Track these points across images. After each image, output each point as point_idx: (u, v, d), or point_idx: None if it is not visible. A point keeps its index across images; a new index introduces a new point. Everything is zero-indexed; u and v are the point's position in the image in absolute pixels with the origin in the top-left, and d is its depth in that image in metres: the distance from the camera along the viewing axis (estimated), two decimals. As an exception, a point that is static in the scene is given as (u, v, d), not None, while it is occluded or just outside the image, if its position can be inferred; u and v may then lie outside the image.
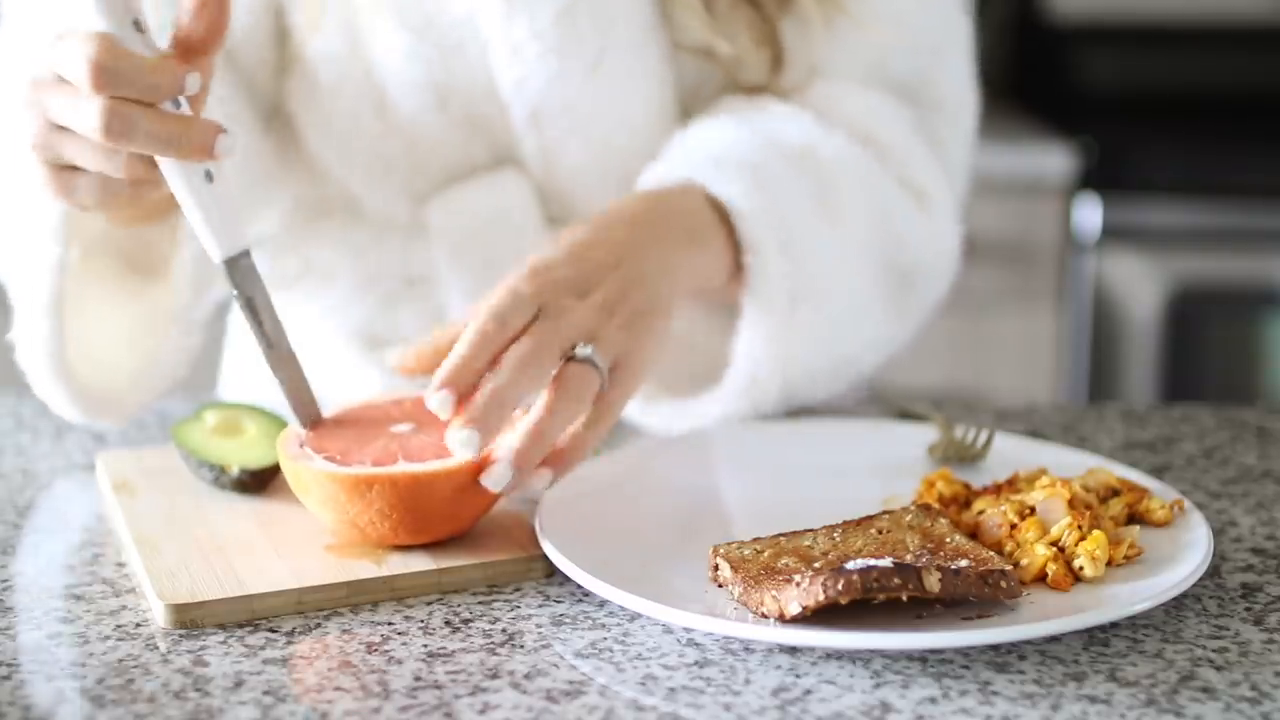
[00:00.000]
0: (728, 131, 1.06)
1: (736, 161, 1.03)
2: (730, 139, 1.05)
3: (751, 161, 1.03)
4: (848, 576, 0.75)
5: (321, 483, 0.85)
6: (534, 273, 0.91)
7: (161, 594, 0.82)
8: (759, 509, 0.93)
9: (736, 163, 1.03)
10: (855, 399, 1.27)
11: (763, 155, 1.04)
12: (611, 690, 0.74)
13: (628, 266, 0.94)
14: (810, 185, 1.05)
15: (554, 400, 0.87)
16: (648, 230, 0.97)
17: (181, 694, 0.74)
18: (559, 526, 0.87)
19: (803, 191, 1.04)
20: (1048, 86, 2.92)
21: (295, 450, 0.88)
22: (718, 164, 1.03)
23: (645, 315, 0.93)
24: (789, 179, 1.04)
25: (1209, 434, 1.13)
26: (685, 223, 0.99)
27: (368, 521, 0.85)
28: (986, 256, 2.51)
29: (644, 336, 0.93)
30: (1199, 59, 2.88)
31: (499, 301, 0.88)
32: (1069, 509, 0.85)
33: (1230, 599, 0.84)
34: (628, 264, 0.94)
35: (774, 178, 1.03)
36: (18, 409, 1.16)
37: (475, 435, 0.83)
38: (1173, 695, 0.73)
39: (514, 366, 0.86)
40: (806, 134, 1.08)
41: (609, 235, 0.95)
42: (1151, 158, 2.56)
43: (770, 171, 1.03)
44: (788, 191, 1.03)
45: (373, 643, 0.79)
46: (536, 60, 1.08)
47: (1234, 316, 2.52)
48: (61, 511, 0.98)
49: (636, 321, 0.93)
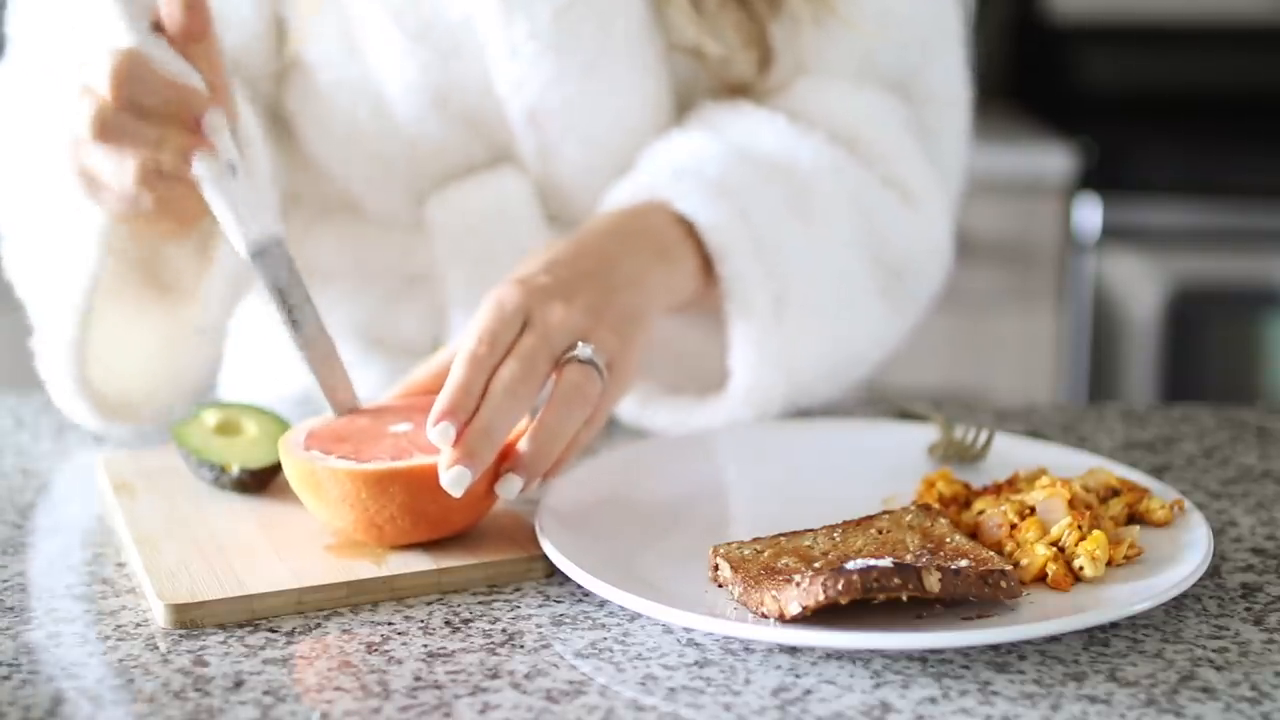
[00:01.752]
0: (695, 144, 1.08)
1: (698, 174, 1.04)
2: (695, 152, 1.07)
3: (715, 172, 1.05)
4: (848, 576, 0.75)
5: (341, 480, 0.85)
6: (518, 282, 0.92)
7: (161, 594, 0.82)
8: (759, 509, 0.93)
9: (698, 175, 1.04)
10: (855, 399, 1.28)
11: (728, 165, 1.05)
12: (611, 690, 0.74)
13: (607, 276, 0.96)
14: (782, 190, 1.06)
15: (559, 403, 0.88)
16: (621, 244, 0.99)
17: (181, 694, 0.74)
18: (559, 526, 0.87)
19: (774, 196, 1.05)
20: (1048, 86, 2.92)
21: (304, 450, 0.88)
22: (679, 177, 1.04)
23: (629, 320, 0.95)
24: (758, 185, 1.05)
25: (1209, 434, 1.13)
26: (654, 240, 1.01)
27: (387, 518, 0.85)
28: (986, 256, 2.51)
29: (631, 340, 0.94)
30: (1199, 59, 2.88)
31: (487, 321, 0.89)
32: (1069, 509, 0.85)
33: (1230, 599, 0.84)
34: (606, 274, 0.96)
35: (741, 186, 1.04)
36: (18, 409, 1.16)
37: (465, 473, 0.83)
38: (1173, 695, 0.73)
39: (502, 394, 0.86)
40: (780, 139, 1.09)
41: (585, 249, 0.97)
42: (1151, 158, 2.57)
43: (734, 181, 1.04)
44: (757, 197, 1.04)
45: (373, 643, 0.79)
46: (534, 61, 1.08)
47: (1234, 316, 2.52)
48: (61, 511, 0.98)
49: (623, 325, 0.94)
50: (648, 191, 1.04)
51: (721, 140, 1.08)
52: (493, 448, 0.85)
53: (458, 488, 0.83)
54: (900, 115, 1.15)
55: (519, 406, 0.86)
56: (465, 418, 0.85)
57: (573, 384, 0.88)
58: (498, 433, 0.85)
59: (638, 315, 0.96)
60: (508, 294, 0.90)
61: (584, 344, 0.90)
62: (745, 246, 1.02)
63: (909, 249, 1.13)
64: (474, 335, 0.88)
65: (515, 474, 0.86)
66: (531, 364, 0.88)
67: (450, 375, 0.86)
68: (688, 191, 1.03)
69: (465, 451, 0.84)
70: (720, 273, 1.03)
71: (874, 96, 1.14)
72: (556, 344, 0.89)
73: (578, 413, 0.88)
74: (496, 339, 0.88)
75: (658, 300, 0.99)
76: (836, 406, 1.19)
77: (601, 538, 0.87)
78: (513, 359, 0.87)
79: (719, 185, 1.04)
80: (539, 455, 0.86)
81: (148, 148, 0.87)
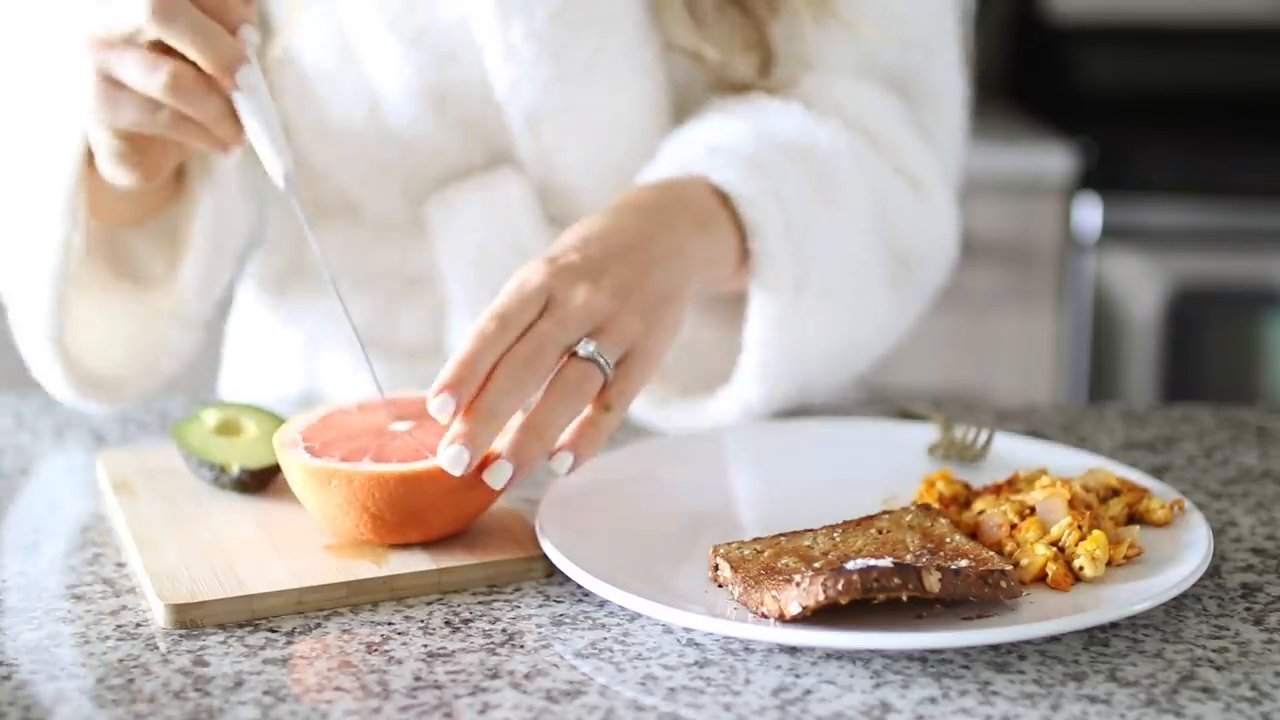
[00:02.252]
0: (722, 125, 1.07)
1: (733, 151, 1.03)
2: (725, 131, 1.06)
3: (748, 150, 1.03)
4: (848, 576, 0.75)
5: (347, 481, 0.85)
6: (547, 260, 0.90)
7: (161, 594, 0.82)
8: (759, 509, 0.93)
9: (733, 152, 1.03)
10: (855, 399, 1.27)
11: (757, 144, 1.04)
12: (611, 690, 0.74)
13: (642, 251, 0.93)
14: (806, 172, 1.05)
15: (553, 398, 0.86)
16: (659, 217, 0.96)
17: (181, 694, 0.74)
18: (559, 526, 0.87)
19: (800, 178, 1.04)
20: (1048, 86, 2.92)
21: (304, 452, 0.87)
22: (715, 154, 1.03)
23: (661, 300, 0.93)
24: (785, 166, 1.04)
25: (1209, 434, 1.13)
26: (694, 210, 0.99)
27: (384, 516, 0.85)
28: (986, 256, 2.51)
29: (659, 322, 0.92)
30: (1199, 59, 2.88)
31: (505, 299, 0.87)
32: (1069, 509, 0.85)
33: (1230, 599, 0.84)
34: (642, 249, 0.93)
35: (771, 164, 1.03)
36: (18, 409, 1.16)
37: (464, 452, 0.83)
38: (1173, 695, 0.73)
39: (508, 374, 0.85)
40: (800, 124, 1.08)
41: (621, 222, 0.95)
42: (1151, 158, 2.56)
43: (767, 159, 1.03)
44: (786, 178, 1.03)
45: (373, 643, 0.79)
46: (532, 62, 1.08)
47: (1234, 316, 2.52)
48: (61, 511, 0.98)
49: (652, 308, 0.92)
50: (683, 168, 1.02)
51: (747, 123, 1.07)
52: (493, 429, 0.84)
53: (457, 466, 0.83)
54: (898, 110, 1.15)
55: (523, 391, 0.85)
56: (466, 394, 0.84)
57: (569, 380, 0.87)
58: (500, 415, 0.84)
59: (670, 294, 0.93)
60: (532, 272, 0.89)
61: (588, 341, 0.88)
62: (778, 224, 1.01)
63: (917, 238, 1.12)
64: (489, 312, 0.87)
65: (506, 461, 0.85)
66: (540, 349, 0.86)
67: (458, 347, 0.86)
68: (724, 165, 1.01)
69: (465, 431, 0.83)
70: (751, 248, 1.01)
71: (875, 93, 1.14)
72: (573, 330, 0.88)
73: (569, 409, 0.87)
74: (509, 318, 0.86)
75: (695, 273, 0.96)
76: (837, 406, 1.19)
77: (601, 538, 0.87)
78: (524, 342, 0.86)
79: (753, 161, 1.02)
80: (527, 446, 0.85)
81: (197, 44, 0.87)
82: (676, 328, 0.94)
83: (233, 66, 0.88)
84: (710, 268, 0.99)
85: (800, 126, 1.08)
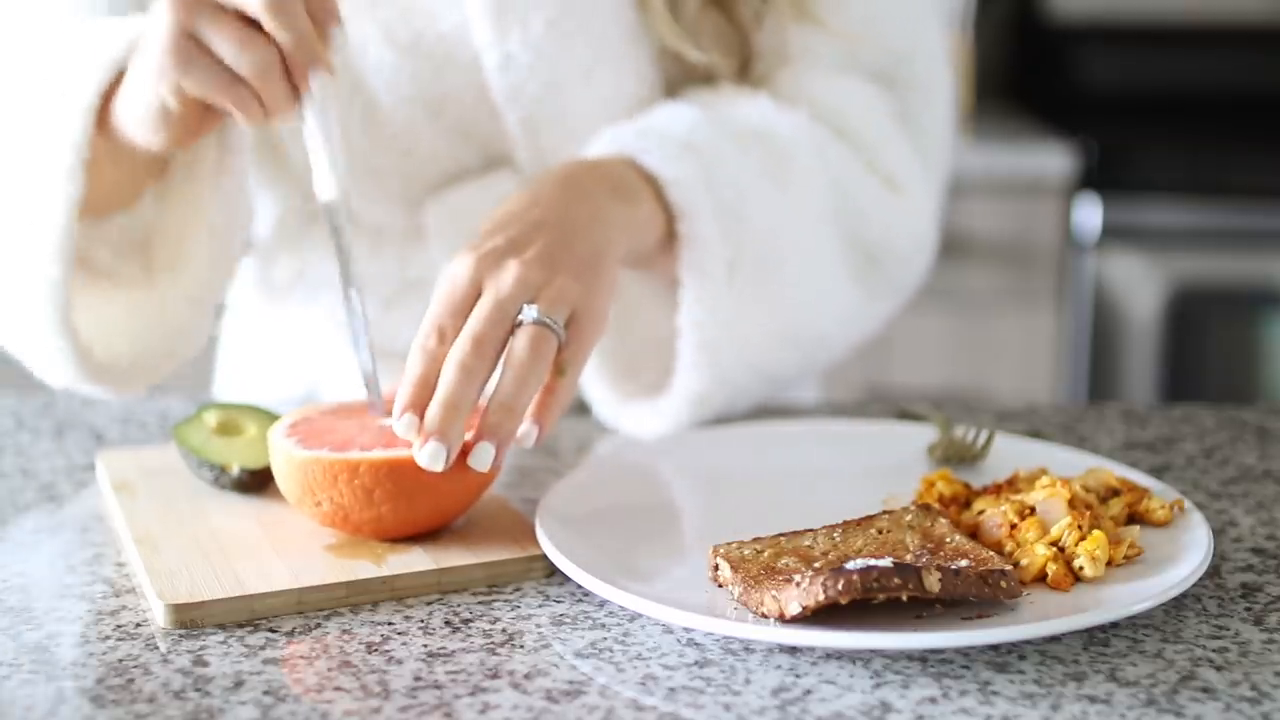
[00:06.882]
0: (670, 111, 1.07)
1: (663, 133, 1.04)
2: (664, 116, 1.06)
3: (679, 132, 1.04)
4: (848, 576, 0.75)
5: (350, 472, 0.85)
6: (470, 250, 0.91)
7: (161, 594, 0.82)
8: (759, 509, 0.93)
9: (663, 134, 1.04)
10: (855, 399, 1.27)
11: (696, 126, 1.05)
12: (611, 690, 0.74)
13: (563, 220, 0.94)
14: (758, 156, 1.06)
15: (514, 369, 0.87)
16: (574, 186, 0.97)
17: (181, 694, 0.74)
18: (559, 526, 0.87)
19: (746, 161, 1.05)
20: (1048, 86, 2.92)
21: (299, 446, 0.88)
22: (644, 136, 1.03)
23: (590, 262, 0.93)
24: (729, 149, 1.05)
25: (1209, 434, 1.13)
26: (612, 181, 1.00)
27: (379, 508, 0.85)
28: (986, 256, 2.52)
29: (595, 281, 0.93)
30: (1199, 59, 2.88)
31: (438, 307, 0.89)
32: (1069, 509, 0.85)
33: (1230, 599, 0.84)
34: (562, 218, 0.94)
35: (707, 147, 1.04)
36: (18, 409, 1.16)
37: (441, 448, 0.84)
38: (1173, 695, 0.73)
39: (459, 365, 0.86)
40: (761, 112, 1.09)
41: (536, 197, 0.96)
42: (1151, 158, 2.57)
43: (703, 142, 1.04)
44: (723, 160, 1.04)
45: (373, 643, 0.79)
46: (529, 70, 1.08)
47: (1234, 316, 2.53)
48: (61, 511, 0.98)
49: (585, 269, 0.93)
50: (612, 146, 1.03)
51: (696, 106, 1.08)
52: (459, 418, 0.85)
53: (437, 462, 0.84)
54: (884, 104, 1.15)
55: (479, 375, 0.87)
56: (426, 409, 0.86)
57: (524, 347, 0.88)
58: (464, 405, 0.85)
59: (598, 255, 0.94)
60: (458, 271, 0.90)
61: (530, 305, 0.89)
62: (705, 206, 1.01)
63: (888, 235, 1.12)
64: (428, 325, 0.89)
65: (486, 442, 0.86)
66: (482, 339, 0.87)
67: (407, 368, 0.87)
68: (652, 148, 1.02)
69: (434, 428, 0.85)
70: (679, 230, 1.01)
71: (857, 85, 1.14)
72: (511, 305, 0.89)
73: (533, 376, 0.88)
74: (446, 328, 0.88)
75: (619, 237, 0.97)
76: (836, 406, 1.19)
77: (601, 538, 0.87)
78: (463, 336, 0.87)
79: (684, 143, 1.03)
80: (500, 423, 0.86)
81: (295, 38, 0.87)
82: (613, 287, 0.95)
83: (316, 69, 0.89)
84: (632, 233, 0.99)
85: (761, 113, 1.09)
